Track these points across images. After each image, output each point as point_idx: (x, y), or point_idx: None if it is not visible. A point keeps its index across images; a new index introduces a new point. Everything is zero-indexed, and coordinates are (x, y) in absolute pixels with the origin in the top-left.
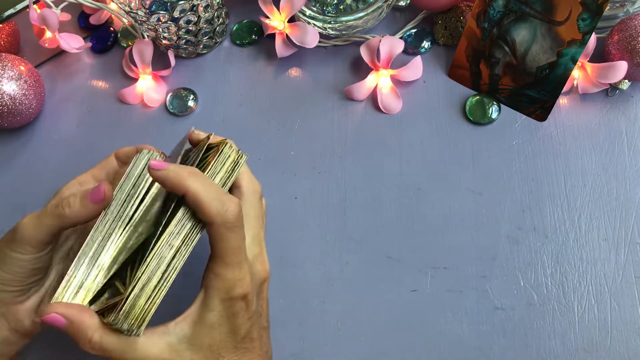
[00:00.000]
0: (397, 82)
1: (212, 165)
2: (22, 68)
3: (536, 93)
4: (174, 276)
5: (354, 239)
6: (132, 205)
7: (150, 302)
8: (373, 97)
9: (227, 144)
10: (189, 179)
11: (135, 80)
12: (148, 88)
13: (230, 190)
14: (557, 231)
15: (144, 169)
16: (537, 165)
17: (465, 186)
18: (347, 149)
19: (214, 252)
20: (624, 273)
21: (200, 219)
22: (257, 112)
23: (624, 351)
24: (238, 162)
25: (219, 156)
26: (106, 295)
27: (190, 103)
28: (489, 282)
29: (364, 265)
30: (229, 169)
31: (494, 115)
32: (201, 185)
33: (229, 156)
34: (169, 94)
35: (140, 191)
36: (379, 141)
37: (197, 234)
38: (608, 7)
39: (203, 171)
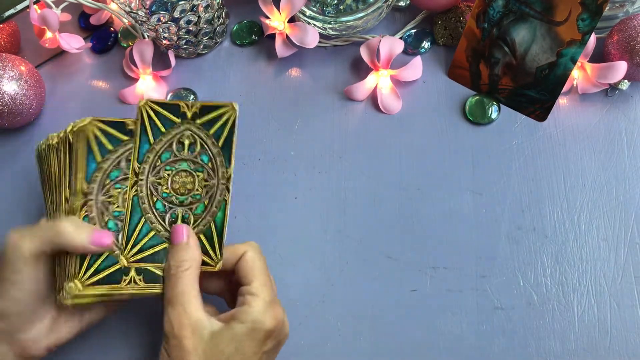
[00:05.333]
0: (397, 82)
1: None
2: (23, 68)
3: (536, 93)
4: None
5: (354, 239)
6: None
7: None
8: (373, 97)
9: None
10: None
11: (135, 80)
12: (148, 88)
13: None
14: (557, 231)
15: None
16: (536, 165)
17: (465, 186)
18: (347, 149)
19: (252, 280)
20: (624, 273)
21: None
22: (257, 112)
23: (624, 351)
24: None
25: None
26: None
27: None
28: (488, 282)
29: (364, 265)
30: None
31: (494, 115)
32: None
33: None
34: (169, 94)
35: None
36: (378, 141)
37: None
38: (608, 7)
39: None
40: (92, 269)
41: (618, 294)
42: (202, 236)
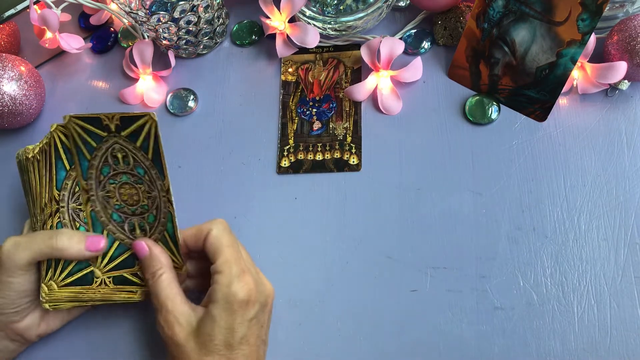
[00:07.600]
0: (397, 82)
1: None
2: (23, 68)
3: (536, 93)
4: None
5: (354, 239)
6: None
7: None
8: (373, 98)
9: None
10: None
11: (135, 80)
12: (148, 88)
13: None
14: (557, 231)
15: None
16: (536, 165)
17: (465, 186)
18: None
19: (217, 258)
20: (624, 273)
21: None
22: (257, 112)
23: (624, 351)
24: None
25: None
26: None
27: (191, 103)
28: (488, 282)
29: (364, 265)
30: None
31: (494, 116)
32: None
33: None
34: (169, 94)
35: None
36: (379, 141)
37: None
38: (608, 8)
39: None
40: (66, 272)
41: (618, 294)
42: (159, 243)
